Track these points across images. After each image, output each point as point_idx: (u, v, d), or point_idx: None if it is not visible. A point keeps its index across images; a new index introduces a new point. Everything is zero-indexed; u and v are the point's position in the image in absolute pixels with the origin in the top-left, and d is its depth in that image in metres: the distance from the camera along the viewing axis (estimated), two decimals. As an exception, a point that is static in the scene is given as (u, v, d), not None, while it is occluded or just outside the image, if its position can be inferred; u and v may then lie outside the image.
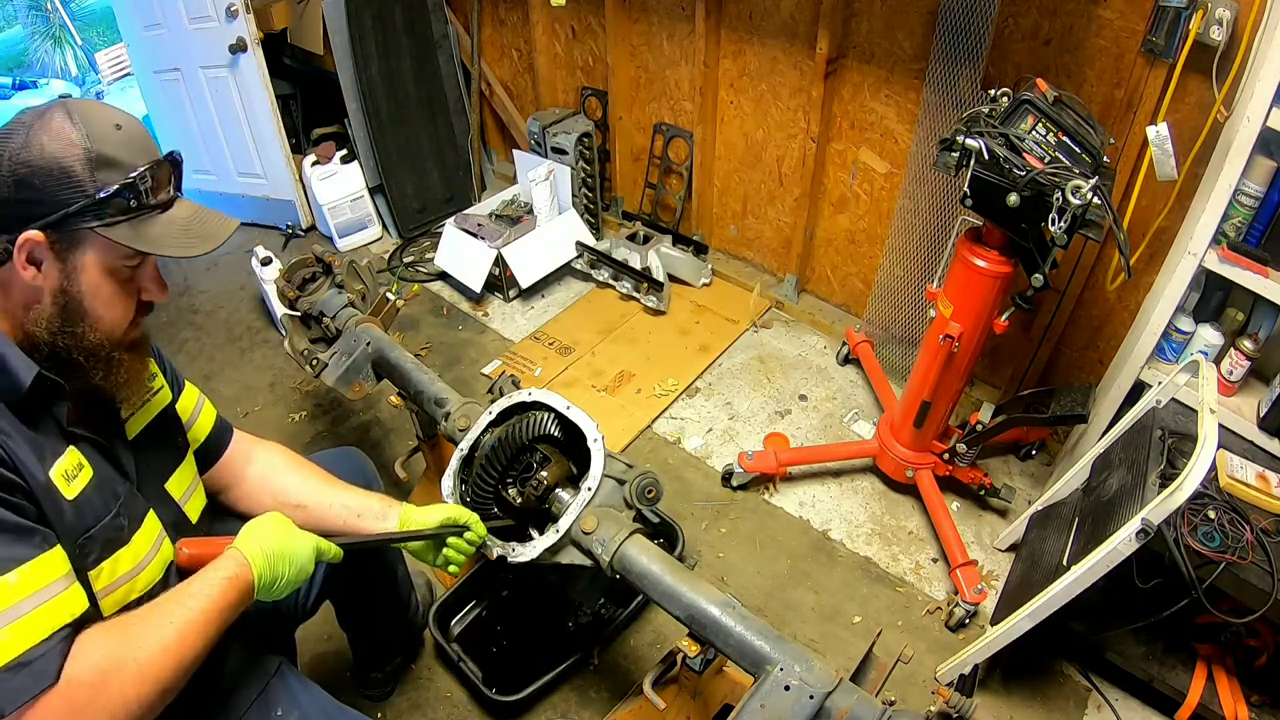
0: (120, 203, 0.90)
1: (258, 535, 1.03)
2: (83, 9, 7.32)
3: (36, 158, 0.86)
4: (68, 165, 0.87)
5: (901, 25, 2.15)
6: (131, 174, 0.90)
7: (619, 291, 2.96)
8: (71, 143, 0.87)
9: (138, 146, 0.93)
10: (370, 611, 1.60)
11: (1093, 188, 1.37)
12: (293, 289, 1.93)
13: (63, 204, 0.87)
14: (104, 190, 0.88)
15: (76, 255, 0.90)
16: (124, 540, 0.98)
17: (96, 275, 0.92)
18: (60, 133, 0.87)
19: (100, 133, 0.90)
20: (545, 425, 1.37)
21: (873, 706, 1.02)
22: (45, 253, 0.88)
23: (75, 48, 7.12)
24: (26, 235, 0.86)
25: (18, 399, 0.88)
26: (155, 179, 0.93)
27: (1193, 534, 1.39)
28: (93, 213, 0.89)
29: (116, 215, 0.90)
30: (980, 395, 2.46)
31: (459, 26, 3.28)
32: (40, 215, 0.86)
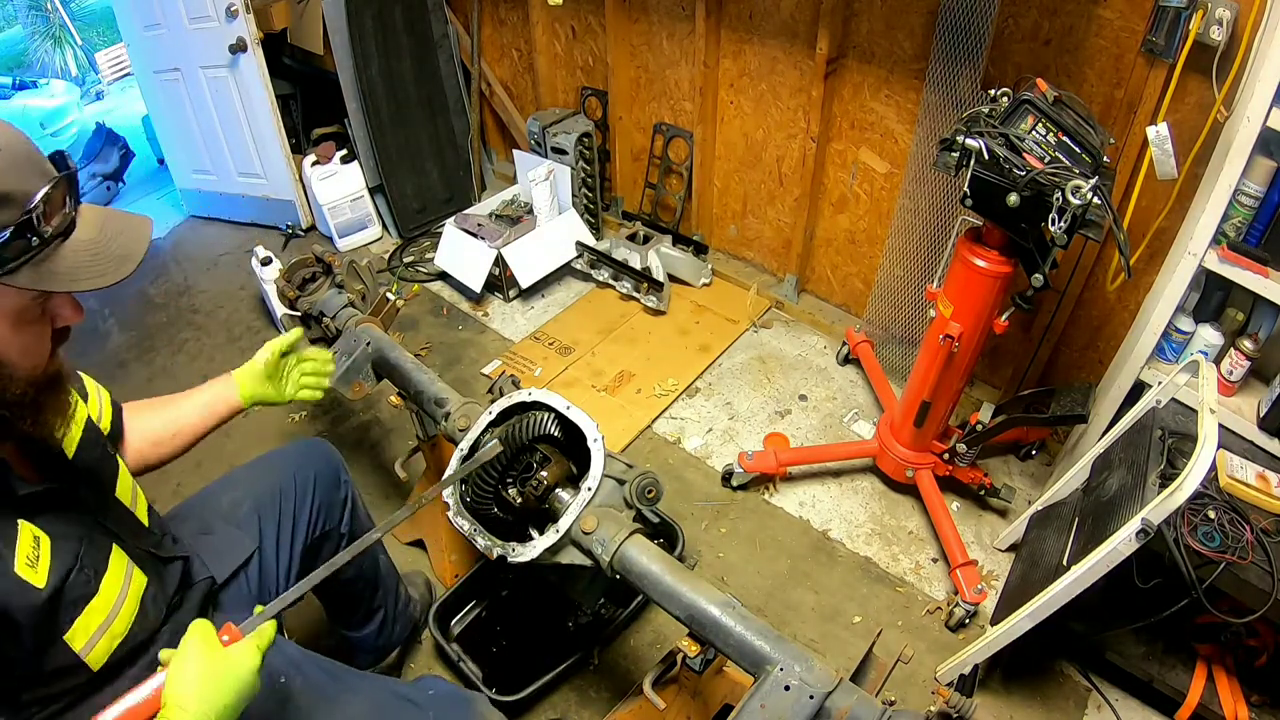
0: (20, 244, 0.76)
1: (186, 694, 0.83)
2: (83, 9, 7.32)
3: None
4: None
5: (901, 25, 2.15)
6: (28, 206, 0.76)
7: (619, 291, 2.96)
8: None
9: (25, 168, 0.77)
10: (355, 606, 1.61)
11: (1093, 188, 1.37)
12: (293, 289, 1.93)
13: None
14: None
15: None
16: (92, 592, 0.94)
17: (5, 327, 0.80)
18: None
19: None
20: (545, 425, 1.37)
21: (873, 706, 1.02)
22: None
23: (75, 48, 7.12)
24: None
25: None
26: (52, 204, 0.78)
27: (1193, 534, 1.39)
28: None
29: (14, 259, 0.76)
30: (980, 395, 2.46)
31: (459, 26, 3.28)
32: None
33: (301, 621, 1.81)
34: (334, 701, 1.13)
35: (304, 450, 1.52)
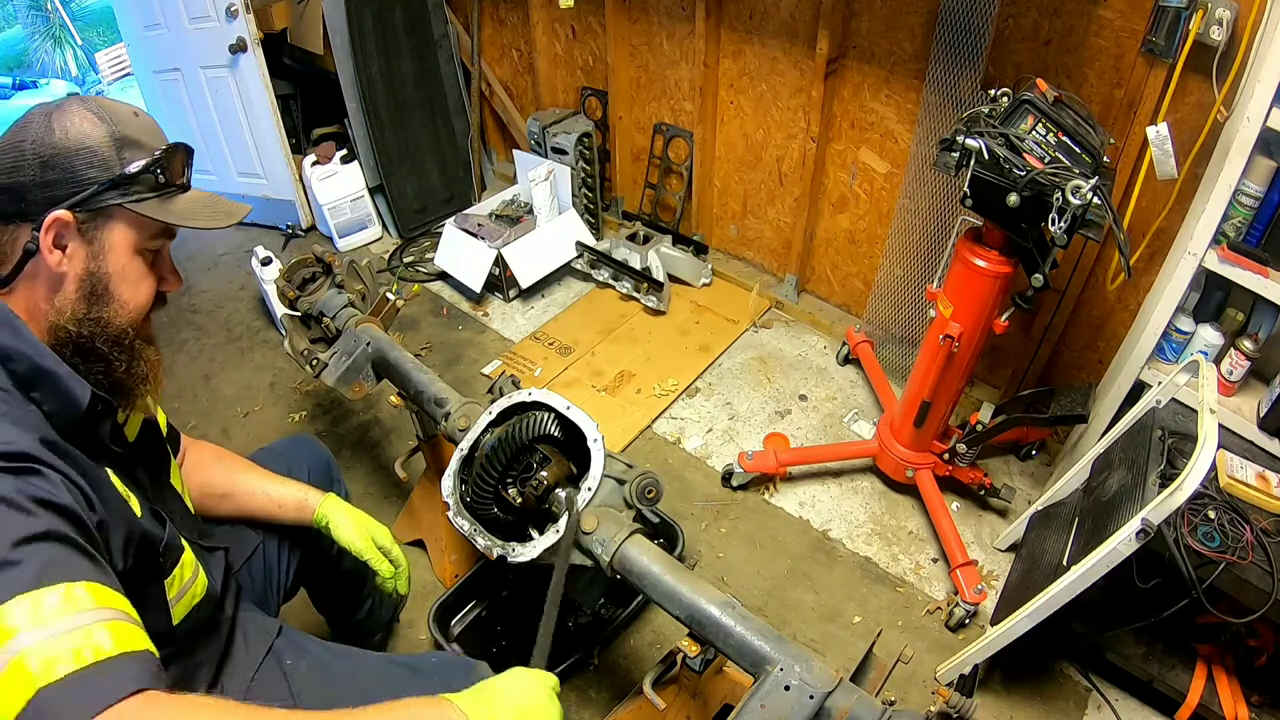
0: (148, 179, 0.91)
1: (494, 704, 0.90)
2: (83, 9, 7.33)
3: (61, 140, 0.86)
4: (94, 145, 0.88)
5: (901, 25, 2.15)
6: (156, 152, 0.92)
7: (619, 291, 2.96)
8: (95, 125, 0.88)
9: (154, 132, 0.95)
10: (344, 595, 1.63)
11: (1093, 188, 1.37)
12: (293, 289, 1.93)
13: (90, 181, 0.87)
14: (131, 166, 0.89)
15: (104, 234, 0.90)
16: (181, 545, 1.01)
17: (124, 254, 0.92)
18: (82, 117, 0.88)
19: (120, 117, 0.91)
20: (545, 425, 1.37)
21: (873, 706, 1.02)
22: (72, 234, 0.88)
23: (75, 48, 7.12)
24: (54, 215, 0.85)
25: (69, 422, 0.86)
26: (174, 159, 0.95)
27: (1193, 534, 1.39)
28: (121, 189, 0.89)
29: (144, 191, 0.91)
30: (980, 395, 2.46)
31: (459, 26, 3.28)
32: (66, 196, 0.86)
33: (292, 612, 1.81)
34: (340, 676, 1.17)
35: (293, 446, 1.55)
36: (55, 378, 0.86)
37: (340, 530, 1.35)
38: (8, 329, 0.85)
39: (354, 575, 1.60)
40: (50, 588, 0.70)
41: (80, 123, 0.88)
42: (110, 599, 0.74)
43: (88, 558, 0.76)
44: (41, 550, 0.72)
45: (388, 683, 1.19)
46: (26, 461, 0.76)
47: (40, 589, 0.69)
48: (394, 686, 1.18)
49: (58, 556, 0.73)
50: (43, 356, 0.86)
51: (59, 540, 0.74)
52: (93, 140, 0.88)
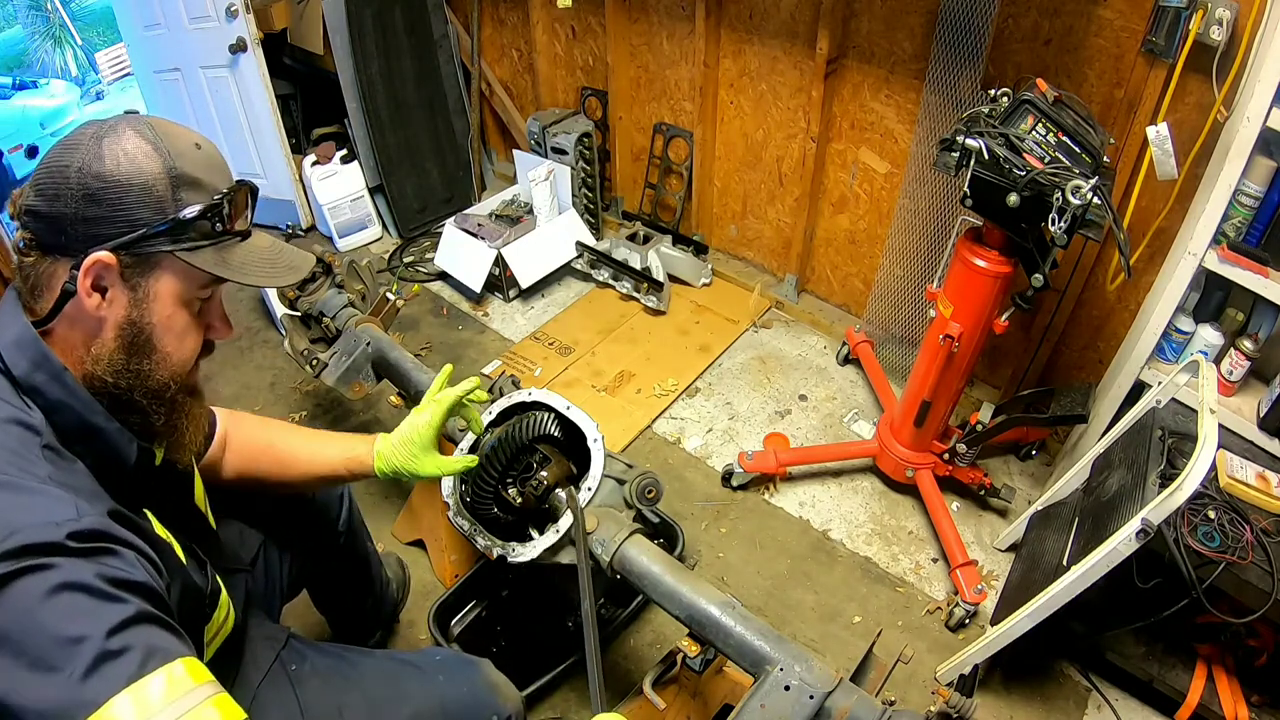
0: (204, 226, 0.83)
1: None
2: (83, 9, 7.33)
3: (111, 171, 0.77)
4: (147, 181, 0.79)
5: (901, 25, 2.15)
6: (216, 196, 0.84)
7: (619, 291, 2.96)
8: (150, 157, 0.79)
9: (217, 169, 0.87)
10: (344, 595, 1.63)
11: (1093, 188, 1.37)
12: (293, 289, 1.93)
13: (140, 223, 0.79)
14: (187, 210, 0.81)
15: (149, 282, 0.82)
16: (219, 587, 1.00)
17: (170, 305, 0.83)
18: (136, 147, 0.79)
19: (180, 149, 0.82)
20: (545, 425, 1.37)
21: (873, 706, 1.02)
22: (114, 278, 0.79)
23: (75, 48, 7.12)
24: (95, 257, 0.77)
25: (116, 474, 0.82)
26: (236, 204, 0.86)
27: (1193, 534, 1.39)
28: (173, 235, 0.81)
29: (198, 239, 0.82)
30: (980, 395, 2.46)
31: (459, 26, 3.28)
32: (110, 236, 0.78)
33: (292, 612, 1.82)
34: (344, 678, 1.17)
35: None
36: (103, 434, 0.82)
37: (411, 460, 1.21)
38: (57, 382, 0.79)
39: (354, 575, 1.60)
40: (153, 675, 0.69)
41: (134, 152, 0.79)
42: (202, 671, 0.73)
43: (174, 632, 0.74)
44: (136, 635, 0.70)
45: (392, 682, 1.18)
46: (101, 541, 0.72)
47: (143, 678, 0.68)
48: (398, 685, 1.18)
49: (152, 639, 0.71)
50: (92, 412, 0.81)
51: (149, 621, 0.72)
52: (146, 175, 0.79)
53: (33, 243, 0.80)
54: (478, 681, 1.21)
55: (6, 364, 0.78)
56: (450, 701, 1.16)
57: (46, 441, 0.77)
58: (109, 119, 0.82)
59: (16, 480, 0.72)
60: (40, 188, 0.79)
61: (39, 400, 0.79)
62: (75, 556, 0.70)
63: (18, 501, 0.71)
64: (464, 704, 1.17)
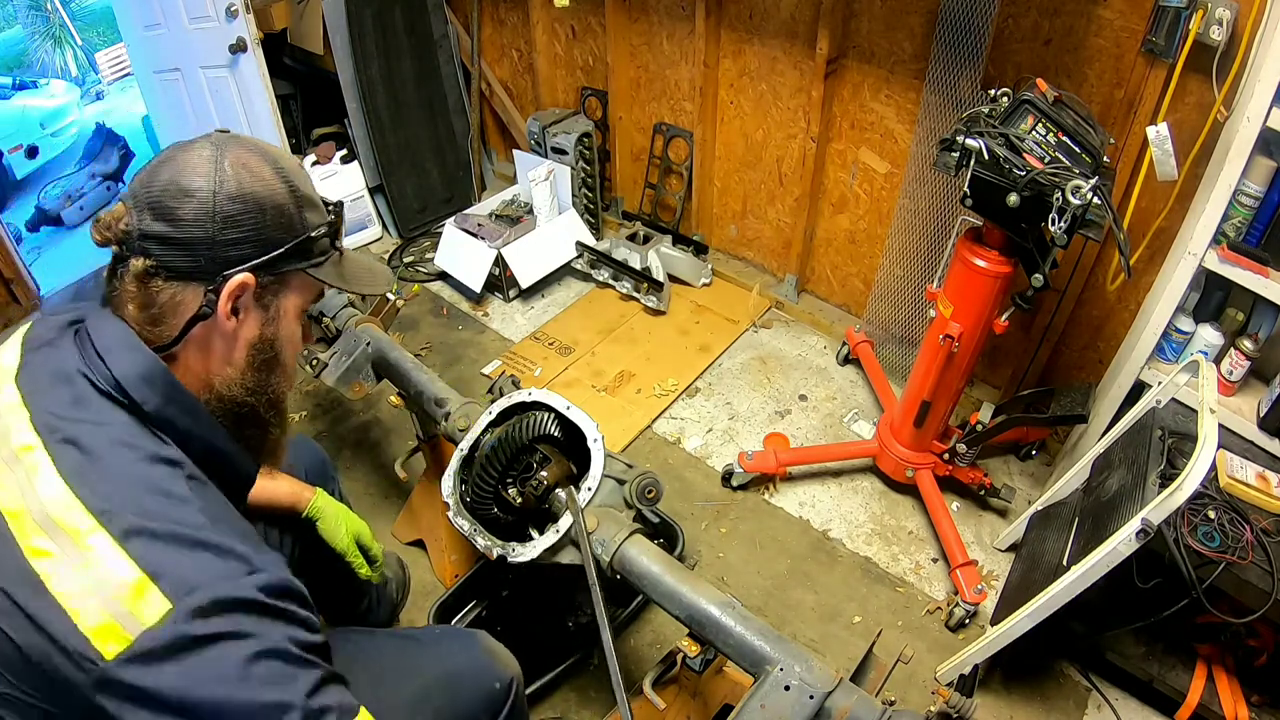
0: (324, 243, 0.86)
1: None
2: (83, 9, 7.32)
3: (247, 192, 0.78)
4: (279, 203, 0.81)
5: (901, 25, 2.15)
6: (331, 214, 0.88)
7: (619, 291, 2.96)
8: (277, 180, 0.81)
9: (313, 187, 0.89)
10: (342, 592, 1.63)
11: (1093, 188, 1.37)
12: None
13: (274, 244, 0.80)
14: (314, 230, 0.84)
15: (279, 300, 0.84)
16: None
17: (293, 321, 0.87)
18: (259, 168, 0.81)
19: (293, 170, 0.85)
20: (545, 425, 1.37)
21: (873, 706, 1.02)
22: (248, 299, 0.81)
23: (75, 48, 7.11)
24: (239, 279, 0.78)
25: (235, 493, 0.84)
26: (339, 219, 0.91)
27: (1193, 534, 1.39)
28: (302, 254, 0.84)
29: (318, 256, 0.86)
30: (980, 395, 2.46)
31: (459, 26, 3.28)
32: (245, 258, 0.79)
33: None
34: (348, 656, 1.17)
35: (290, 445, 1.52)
36: (229, 457, 0.84)
37: (327, 525, 1.40)
38: (190, 414, 0.80)
39: (353, 574, 1.60)
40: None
41: (260, 172, 0.80)
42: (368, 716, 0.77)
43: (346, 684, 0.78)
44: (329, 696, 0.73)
45: (396, 656, 1.20)
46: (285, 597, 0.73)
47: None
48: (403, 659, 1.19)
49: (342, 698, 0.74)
50: (218, 438, 0.82)
51: (334, 680, 0.75)
52: (277, 196, 0.81)
53: (158, 269, 0.78)
54: (478, 650, 1.23)
55: (136, 400, 0.76)
56: (454, 671, 1.19)
57: (189, 473, 0.77)
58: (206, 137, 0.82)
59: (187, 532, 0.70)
60: (163, 211, 0.77)
61: (171, 433, 0.78)
62: (267, 616, 0.70)
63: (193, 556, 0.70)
64: (467, 672, 1.19)
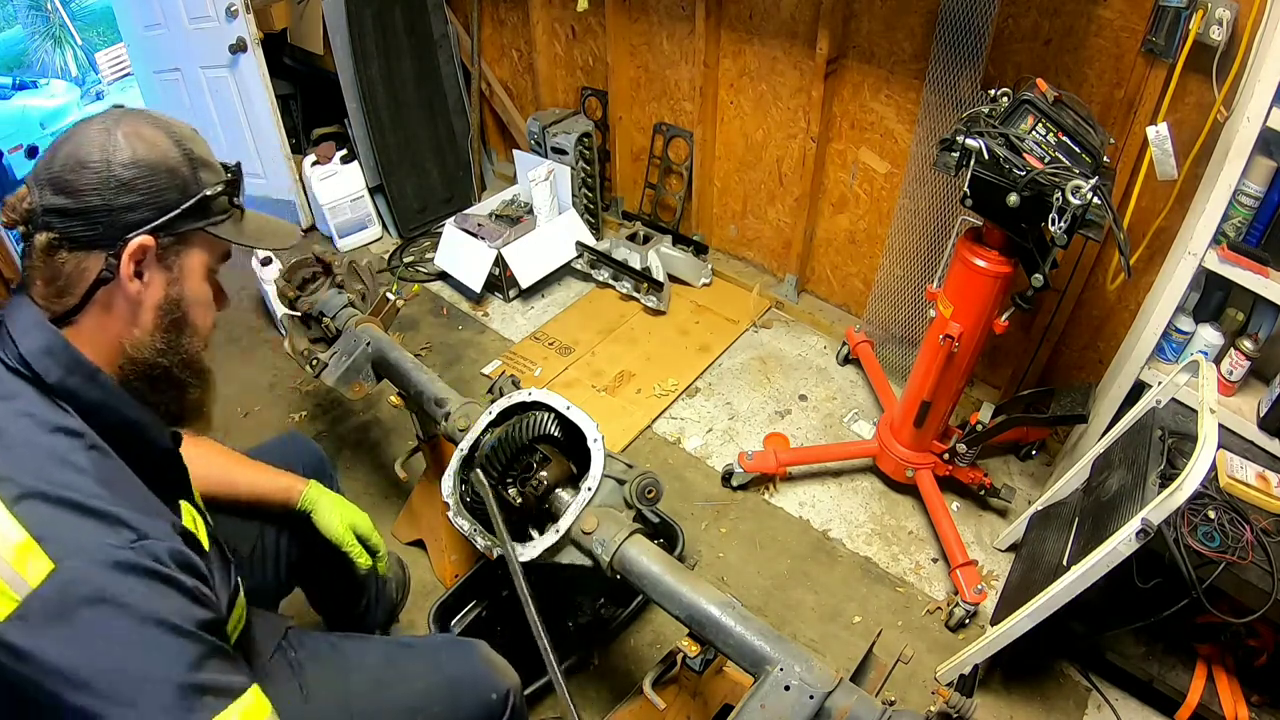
0: (222, 201, 0.89)
1: None
2: (83, 9, 7.32)
3: (139, 158, 0.81)
4: (172, 166, 0.83)
5: (901, 25, 2.15)
6: (227, 173, 0.90)
7: (619, 291, 2.96)
8: (169, 144, 0.84)
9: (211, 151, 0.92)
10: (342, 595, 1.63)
11: (1093, 188, 1.37)
12: (293, 289, 1.93)
13: (170, 205, 0.83)
14: (210, 188, 0.87)
15: (181, 259, 0.87)
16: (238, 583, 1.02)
17: (198, 279, 0.89)
18: (153, 135, 0.83)
19: (186, 134, 0.88)
20: (545, 425, 1.37)
21: (873, 706, 1.02)
22: (150, 261, 0.83)
23: (75, 48, 7.11)
24: (138, 242, 0.81)
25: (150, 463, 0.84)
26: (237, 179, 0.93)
27: (1193, 534, 1.39)
28: (199, 213, 0.86)
29: (218, 214, 0.89)
30: (980, 395, 2.46)
31: (459, 26, 3.28)
32: (144, 221, 0.81)
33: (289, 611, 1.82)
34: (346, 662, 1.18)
35: (286, 443, 1.54)
36: (138, 426, 0.84)
37: (322, 515, 1.37)
38: (93, 383, 0.81)
39: (353, 574, 1.60)
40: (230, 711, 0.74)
41: (152, 138, 0.83)
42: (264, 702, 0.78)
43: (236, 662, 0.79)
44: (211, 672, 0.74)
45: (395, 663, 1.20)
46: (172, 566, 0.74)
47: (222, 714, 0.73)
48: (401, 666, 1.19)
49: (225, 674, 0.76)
50: (126, 406, 0.83)
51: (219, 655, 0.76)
52: (170, 159, 0.83)
53: (60, 241, 0.80)
54: (476, 660, 1.24)
55: (37, 372, 0.78)
56: (452, 679, 1.19)
57: (91, 443, 0.78)
58: (104, 113, 0.85)
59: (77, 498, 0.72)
60: (61, 185, 0.79)
61: (74, 404, 0.80)
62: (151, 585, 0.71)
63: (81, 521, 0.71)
64: (465, 681, 1.20)
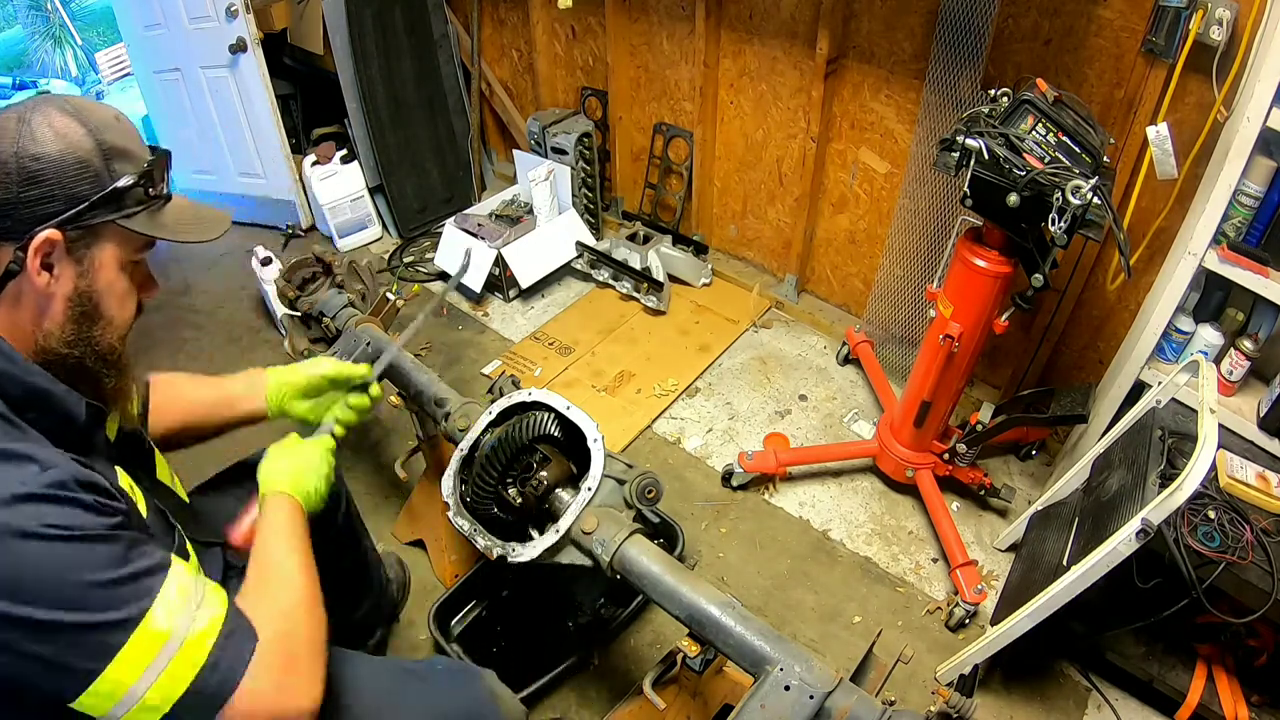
0: (138, 193, 0.87)
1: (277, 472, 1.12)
2: (83, 9, 7.31)
3: (47, 151, 0.80)
4: (82, 157, 0.82)
5: (901, 25, 2.15)
6: (145, 164, 0.88)
7: (619, 291, 2.96)
8: (81, 134, 0.83)
9: (137, 139, 0.90)
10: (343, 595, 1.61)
11: (1093, 188, 1.37)
12: (293, 289, 1.93)
13: (79, 198, 0.82)
14: (122, 180, 0.85)
15: (93, 252, 0.86)
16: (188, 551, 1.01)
17: (112, 272, 0.88)
18: (65, 125, 0.82)
19: (103, 123, 0.86)
20: (545, 425, 1.37)
21: (873, 706, 1.02)
22: (60, 254, 0.83)
23: (75, 48, 7.10)
24: (44, 235, 0.80)
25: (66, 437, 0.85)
26: (159, 168, 0.91)
27: (1193, 534, 1.39)
28: (111, 205, 0.85)
29: (133, 206, 0.87)
30: (980, 395, 2.46)
31: (459, 26, 3.28)
32: (52, 214, 0.81)
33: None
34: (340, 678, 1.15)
35: None
36: (51, 397, 0.84)
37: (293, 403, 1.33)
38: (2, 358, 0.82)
39: (353, 574, 1.60)
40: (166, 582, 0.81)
41: (63, 129, 0.82)
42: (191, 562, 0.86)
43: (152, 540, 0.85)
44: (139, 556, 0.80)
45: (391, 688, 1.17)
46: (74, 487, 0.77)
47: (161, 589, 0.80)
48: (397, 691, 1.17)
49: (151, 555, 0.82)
50: (33, 375, 0.84)
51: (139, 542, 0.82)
52: (80, 151, 0.82)
53: None
54: (479, 690, 1.20)
55: None
56: (450, 710, 1.15)
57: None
58: (25, 102, 0.85)
59: None
60: None
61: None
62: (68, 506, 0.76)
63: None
64: (463, 712, 1.16)
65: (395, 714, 1.13)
